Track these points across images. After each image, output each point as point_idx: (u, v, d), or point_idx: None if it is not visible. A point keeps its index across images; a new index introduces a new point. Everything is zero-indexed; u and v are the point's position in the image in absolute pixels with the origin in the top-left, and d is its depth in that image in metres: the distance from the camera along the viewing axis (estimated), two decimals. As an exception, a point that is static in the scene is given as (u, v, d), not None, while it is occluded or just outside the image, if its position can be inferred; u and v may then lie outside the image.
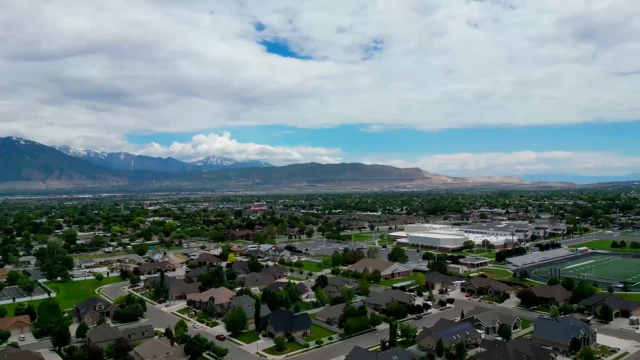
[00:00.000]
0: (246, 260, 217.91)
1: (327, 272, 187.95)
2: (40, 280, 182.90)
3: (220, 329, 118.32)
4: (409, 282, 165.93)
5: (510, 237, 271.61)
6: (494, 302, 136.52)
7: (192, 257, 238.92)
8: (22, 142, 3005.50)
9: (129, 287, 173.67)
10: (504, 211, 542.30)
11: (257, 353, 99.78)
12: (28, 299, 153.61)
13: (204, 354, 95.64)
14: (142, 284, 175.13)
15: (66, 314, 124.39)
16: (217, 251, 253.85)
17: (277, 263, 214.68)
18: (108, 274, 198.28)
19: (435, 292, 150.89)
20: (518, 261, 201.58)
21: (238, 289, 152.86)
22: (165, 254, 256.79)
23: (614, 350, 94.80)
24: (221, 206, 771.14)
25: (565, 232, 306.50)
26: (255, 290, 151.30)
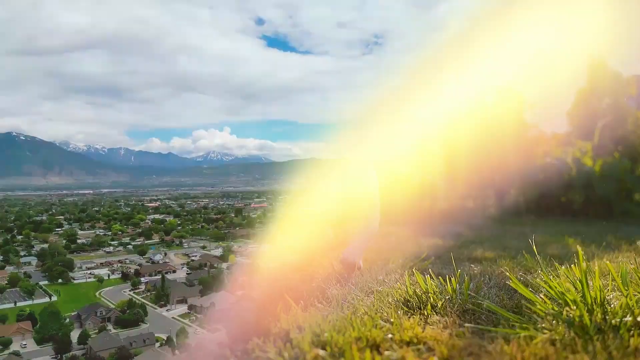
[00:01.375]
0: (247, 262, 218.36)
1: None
2: (41, 283, 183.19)
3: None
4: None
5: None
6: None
7: (193, 257, 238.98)
8: (22, 138, 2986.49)
9: (129, 290, 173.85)
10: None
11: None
12: (29, 302, 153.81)
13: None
14: (143, 287, 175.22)
15: (67, 320, 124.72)
16: (218, 252, 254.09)
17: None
18: (109, 275, 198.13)
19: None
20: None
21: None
22: (165, 254, 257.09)
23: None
24: (222, 202, 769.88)
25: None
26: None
